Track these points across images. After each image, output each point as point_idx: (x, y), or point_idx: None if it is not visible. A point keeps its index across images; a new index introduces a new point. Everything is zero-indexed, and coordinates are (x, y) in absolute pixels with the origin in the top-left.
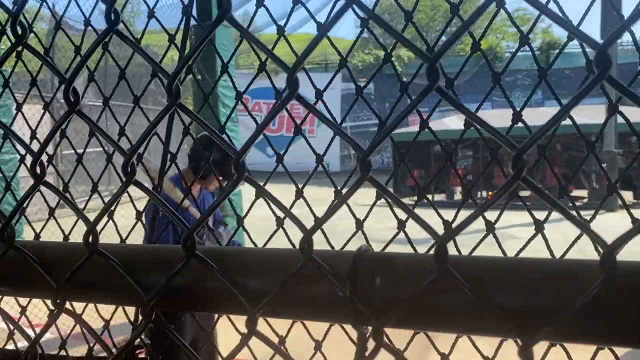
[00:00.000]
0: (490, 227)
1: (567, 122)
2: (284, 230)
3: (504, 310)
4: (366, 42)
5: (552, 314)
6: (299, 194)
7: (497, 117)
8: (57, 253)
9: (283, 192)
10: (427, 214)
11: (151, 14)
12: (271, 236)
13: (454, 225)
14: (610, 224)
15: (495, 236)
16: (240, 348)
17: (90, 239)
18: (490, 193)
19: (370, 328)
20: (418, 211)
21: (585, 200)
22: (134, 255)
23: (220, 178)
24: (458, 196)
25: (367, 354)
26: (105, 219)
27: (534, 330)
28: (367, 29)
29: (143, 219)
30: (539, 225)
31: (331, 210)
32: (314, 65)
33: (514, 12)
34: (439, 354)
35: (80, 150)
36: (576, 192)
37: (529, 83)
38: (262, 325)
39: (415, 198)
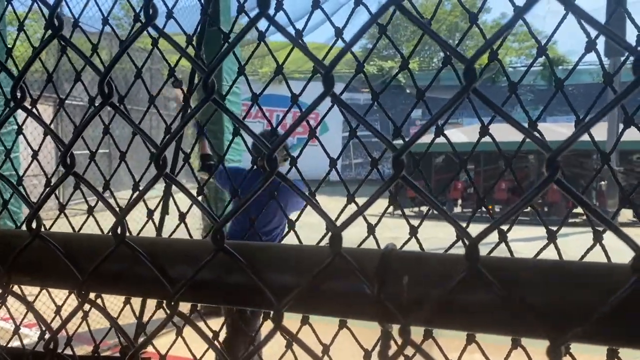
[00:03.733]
0: (502, 236)
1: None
2: (295, 232)
3: (534, 310)
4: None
5: (583, 315)
6: (312, 196)
7: (502, 130)
8: (82, 244)
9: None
10: (432, 225)
11: (170, 15)
12: (284, 236)
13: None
14: (614, 241)
15: (507, 244)
16: (266, 342)
17: (118, 230)
18: (490, 207)
19: (394, 326)
20: (420, 221)
21: (584, 217)
22: (161, 248)
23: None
24: (457, 209)
25: (390, 352)
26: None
27: (563, 331)
28: (385, 35)
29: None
30: (551, 235)
31: (360, 210)
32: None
33: (519, 27)
34: None
35: (86, 152)
36: (578, 209)
37: (531, 98)
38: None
39: (415, 209)
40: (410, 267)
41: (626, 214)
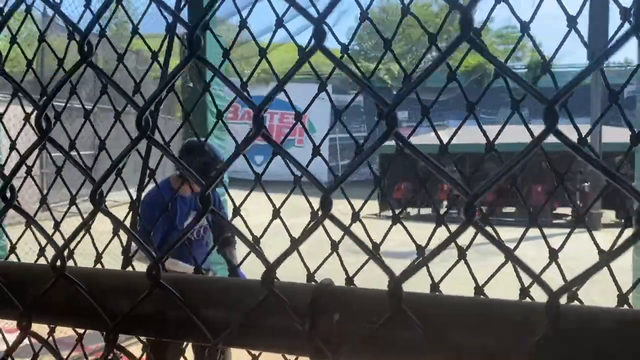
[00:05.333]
0: (461, 253)
1: (554, 140)
2: (259, 249)
3: (455, 349)
4: (356, 54)
5: (501, 355)
6: (276, 214)
7: (487, 132)
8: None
9: (293, 203)
10: (417, 227)
11: (135, 31)
12: (245, 257)
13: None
14: (592, 243)
15: (466, 263)
16: None
17: (57, 263)
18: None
19: None
20: (405, 224)
21: (569, 218)
22: (102, 281)
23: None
24: (443, 210)
25: None
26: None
27: None
28: (368, 19)
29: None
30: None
31: (294, 245)
32: (306, 76)
33: (502, 30)
34: None
35: (61, 155)
36: (561, 210)
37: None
38: None
39: (401, 210)
40: (341, 304)
41: (609, 215)
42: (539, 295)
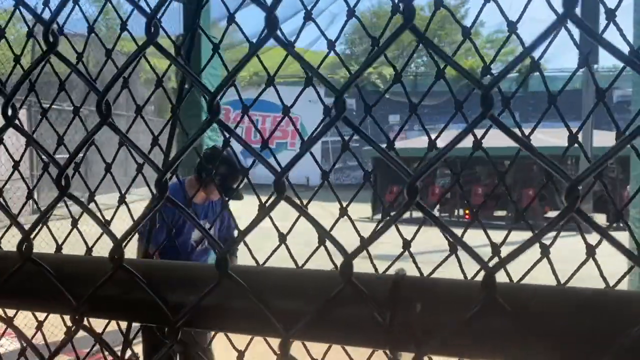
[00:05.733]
0: (496, 250)
1: (544, 144)
2: (287, 246)
3: (547, 340)
4: (349, 57)
5: (598, 345)
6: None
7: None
8: (76, 268)
9: (282, 204)
10: (408, 231)
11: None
12: (272, 252)
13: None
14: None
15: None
16: None
17: (115, 255)
18: (467, 211)
19: (404, 354)
20: (400, 226)
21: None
22: (160, 273)
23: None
24: (435, 213)
25: None
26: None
27: None
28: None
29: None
30: (545, 250)
31: (376, 235)
32: (299, 79)
33: (494, 34)
34: None
35: (66, 156)
36: (552, 213)
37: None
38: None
39: (393, 214)
40: (422, 295)
41: (600, 219)
42: None
